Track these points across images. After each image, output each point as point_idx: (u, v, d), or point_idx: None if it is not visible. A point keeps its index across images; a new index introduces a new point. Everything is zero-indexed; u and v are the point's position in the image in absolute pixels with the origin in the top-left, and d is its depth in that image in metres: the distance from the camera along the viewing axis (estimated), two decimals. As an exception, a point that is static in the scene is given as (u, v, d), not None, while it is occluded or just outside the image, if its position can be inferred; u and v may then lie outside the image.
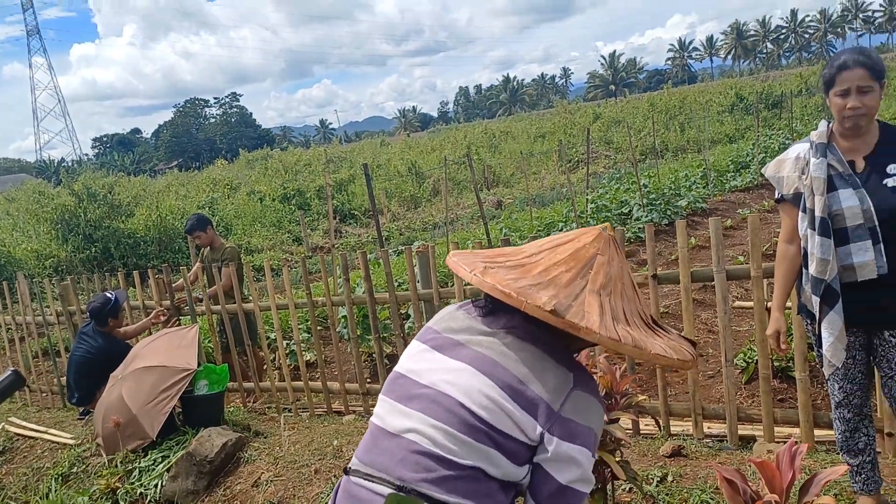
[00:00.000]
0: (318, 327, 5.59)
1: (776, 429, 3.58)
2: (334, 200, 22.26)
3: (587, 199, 13.15)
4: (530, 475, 1.44)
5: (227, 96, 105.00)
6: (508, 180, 27.97)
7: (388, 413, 1.54)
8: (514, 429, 1.40)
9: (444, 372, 1.50)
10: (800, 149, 2.60)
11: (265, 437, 4.48)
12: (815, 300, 2.49)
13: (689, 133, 29.17)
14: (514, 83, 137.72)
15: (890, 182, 2.40)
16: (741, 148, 20.17)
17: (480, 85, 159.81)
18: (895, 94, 29.41)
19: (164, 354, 4.69)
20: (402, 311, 5.66)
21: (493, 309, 1.59)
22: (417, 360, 1.58)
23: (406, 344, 2.84)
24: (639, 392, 4.47)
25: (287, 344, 6.69)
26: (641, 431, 4.01)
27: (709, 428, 3.93)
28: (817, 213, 2.44)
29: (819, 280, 2.45)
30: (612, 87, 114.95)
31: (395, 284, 5.11)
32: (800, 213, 2.57)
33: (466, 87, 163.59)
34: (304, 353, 6.96)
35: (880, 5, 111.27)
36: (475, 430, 1.40)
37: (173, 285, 6.01)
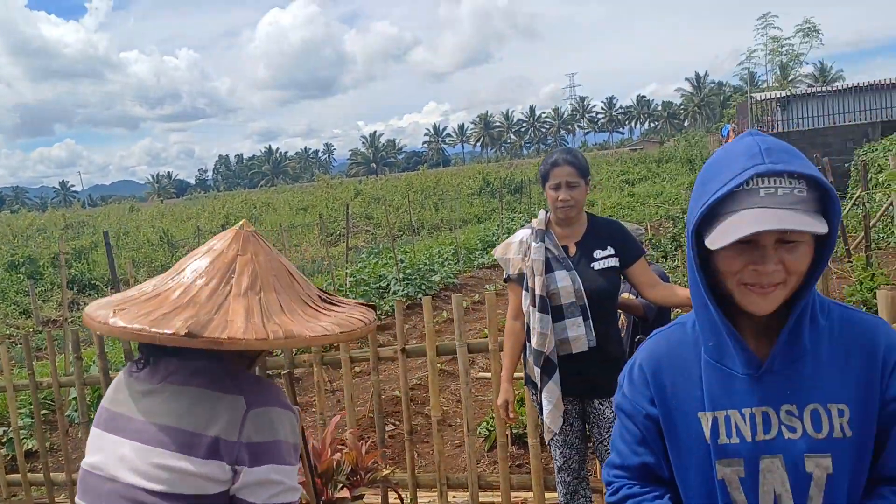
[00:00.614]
0: (44, 411, 4.99)
1: (513, 494, 3.81)
2: (73, 269, 20.26)
3: (347, 273, 13.31)
4: None
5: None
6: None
7: None
8: (206, 484, 1.34)
9: (118, 459, 1.39)
10: (523, 234, 2.90)
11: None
12: (537, 371, 2.75)
13: (442, 212, 30.93)
14: (278, 155, 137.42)
15: (596, 265, 2.76)
16: (488, 228, 21.80)
17: (242, 154, 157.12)
18: (613, 185, 33.82)
19: None
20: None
21: (151, 360, 1.47)
22: (96, 451, 1.45)
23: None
24: (390, 465, 4.54)
25: (4, 431, 5.88)
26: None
27: (454, 497, 4.08)
28: (537, 292, 2.73)
29: (539, 352, 2.72)
30: (374, 164, 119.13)
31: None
32: (523, 291, 2.85)
33: (227, 155, 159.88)
34: (24, 441, 6.14)
35: (601, 109, 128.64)
36: None
37: None
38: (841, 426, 1.20)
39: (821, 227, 1.10)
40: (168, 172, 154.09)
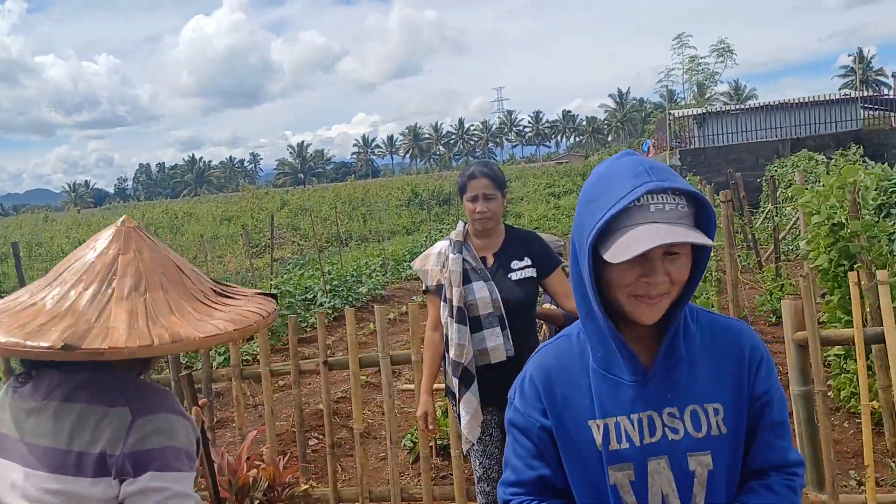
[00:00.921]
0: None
1: (436, 505, 3.81)
2: (-23, 282, 19.21)
3: (272, 285, 13.08)
4: None
5: None
6: (192, 263, 26.69)
7: None
8: None
9: (9, 486, 1.31)
10: (441, 245, 2.92)
11: None
12: (455, 381, 2.76)
13: (370, 223, 30.80)
14: (201, 164, 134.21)
15: (513, 276, 2.79)
16: (416, 239, 21.83)
17: (164, 163, 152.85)
18: (539, 198, 34.37)
19: None
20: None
21: (33, 373, 1.38)
22: None
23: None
24: (313, 480, 4.47)
25: None
26: (312, 521, 3.99)
27: (377, 510, 4.05)
28: (455, 303, 2.74)
29: (457, 363, 2.73)
30: (301, 175, 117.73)
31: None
32: (441, 302, 2.86)
33: (148, 164, 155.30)
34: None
35: (528, 123, 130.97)
36: None
37: None
38: (717, 424, 1.28)
39: (706, 240, 1.18)
40: (86, 181, 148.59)
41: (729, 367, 1.31)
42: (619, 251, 1.16)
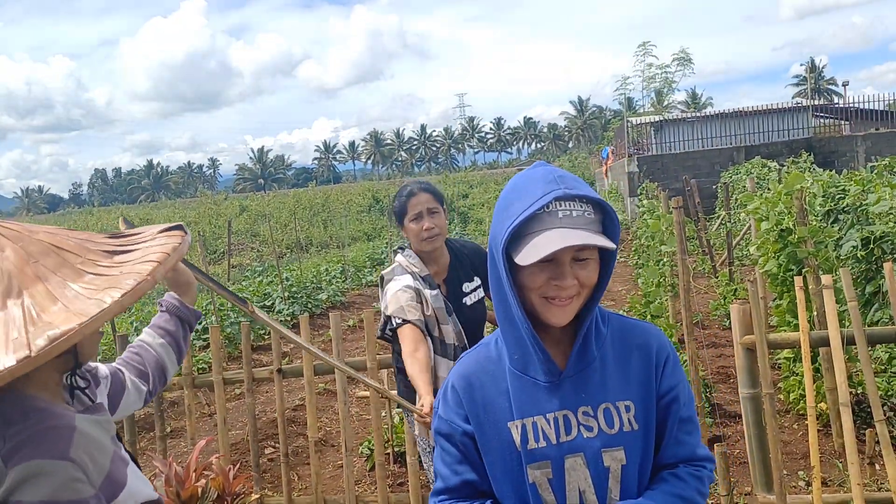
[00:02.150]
0: None
1: (392, 512, 3.79)
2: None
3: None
4: None
5: None
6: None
7: None
8: None
9: None
10: (405, 280, 2.65)
11: None
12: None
13: (331, 230, 30.61)
14: (159, 169, 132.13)
15: (467, 300, 2.68)
16: (377, 246, 21.75)
17: (120, 168, 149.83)
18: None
19: None
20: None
21: None
22: None
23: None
24: (268, 489, 4.41)
25: None
26: (266, 531, 3.93)
27: (332, 519, 4.00)
28: (447, 341, 2.61)
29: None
30: (262, 180, 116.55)
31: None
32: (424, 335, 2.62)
33: (104, 169, 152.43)
34: None
35: (490, 129, 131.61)
36: None
37: None
38: (629, 420, 1.35)
39: (611, 244, 1.25)
40: (39, 186, 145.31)
41: (638, 366, 1.39)
42: (528, 254, 1.23)
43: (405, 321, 2.56)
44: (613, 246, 1.25)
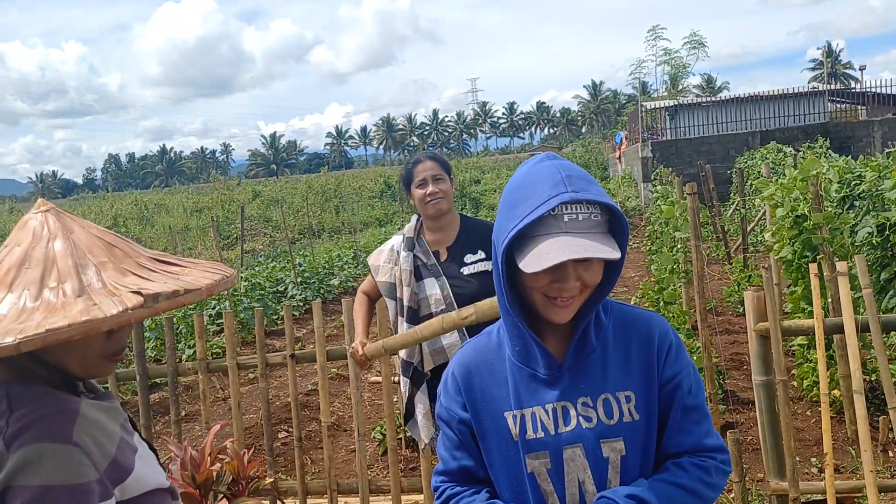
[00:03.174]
0: None
1: (404, 497, 3.81)
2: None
3: (242, 277, 12.97)
4: None
5: None
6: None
7: None
8: None
9: None
10: (395, 241, 2.86)
11: None
12: (405, 381, 2.74)
13: (343, 215, 30.66)
14: (172, 154, 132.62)
15: (466, 270, 2.73)
16: (389, 231, 21.74)
17: (133, 153, 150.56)
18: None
19: None
20: None
21: None
22: None
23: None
24: (281, 473, 4.45)
25: None
26: (280, 514, 3.97)
27: (345, 503, 4.04)
28: (406, 303, 2.70)
29: (408, 363, 2.71)
30: (274, 166, 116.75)
31: None
32: (392, 301, 2.83)
33: (117, 154, 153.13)
34: None
35: (503, 114, 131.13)
36: None
37: None
38: (629, 410, 1.35)
39: (615, 253, 1.22)
40: (53, 171, 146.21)
41: (639, 355, 1.38)
42: (530, 262, 1.22)
43: (373, 277, 2.93)
44: (617, 255, 1.22)
